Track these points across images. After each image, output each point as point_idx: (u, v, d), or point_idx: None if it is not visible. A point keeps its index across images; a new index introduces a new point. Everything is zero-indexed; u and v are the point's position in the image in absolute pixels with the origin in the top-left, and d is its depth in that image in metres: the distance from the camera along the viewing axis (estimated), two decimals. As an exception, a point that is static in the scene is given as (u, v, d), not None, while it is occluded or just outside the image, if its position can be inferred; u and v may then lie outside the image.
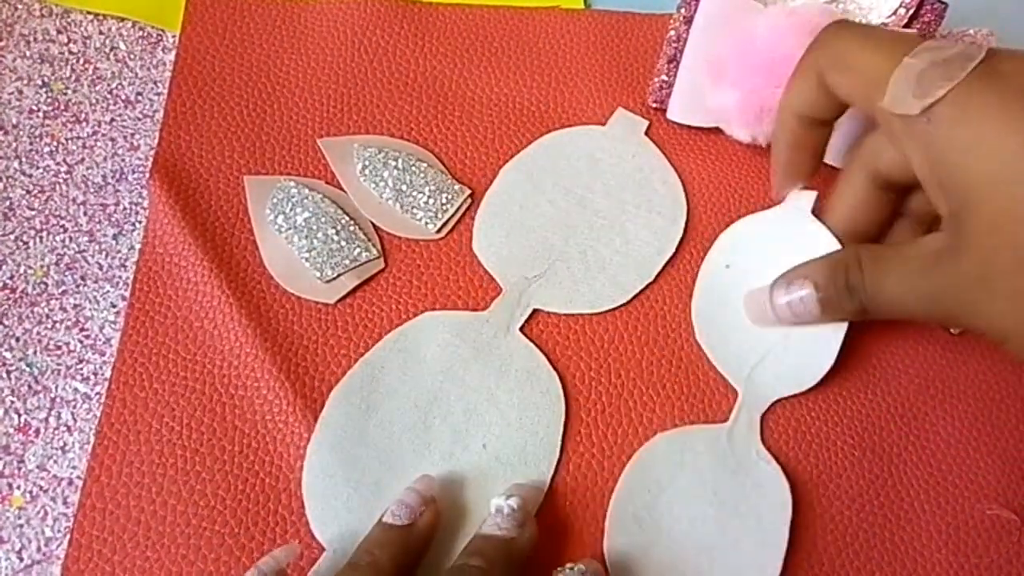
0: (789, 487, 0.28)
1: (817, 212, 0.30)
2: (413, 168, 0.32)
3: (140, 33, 0.36)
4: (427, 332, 0.30)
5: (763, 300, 0.29)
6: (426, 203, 0.32)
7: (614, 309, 0.31)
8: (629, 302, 0.31)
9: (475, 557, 0.23)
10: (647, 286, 0.32)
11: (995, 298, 0.20)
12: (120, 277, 0.30)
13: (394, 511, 0.24)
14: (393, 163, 0.32)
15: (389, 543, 0.23)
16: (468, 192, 0.33)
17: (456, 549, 0.25)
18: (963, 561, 0.29)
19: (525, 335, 0.30)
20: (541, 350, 0.30)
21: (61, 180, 0.32)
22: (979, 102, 0.20)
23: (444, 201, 0.32)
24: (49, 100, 0.33)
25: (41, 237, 0.30)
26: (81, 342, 0.29)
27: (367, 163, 0.32)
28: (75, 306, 0.29)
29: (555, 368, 0.30)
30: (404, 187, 0.32)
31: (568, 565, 0.24)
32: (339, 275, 0.30)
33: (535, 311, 0.31)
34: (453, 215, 0.32)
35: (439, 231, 0.32)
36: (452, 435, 0.28)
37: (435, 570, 0.25)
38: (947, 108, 0.21)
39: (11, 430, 0.27)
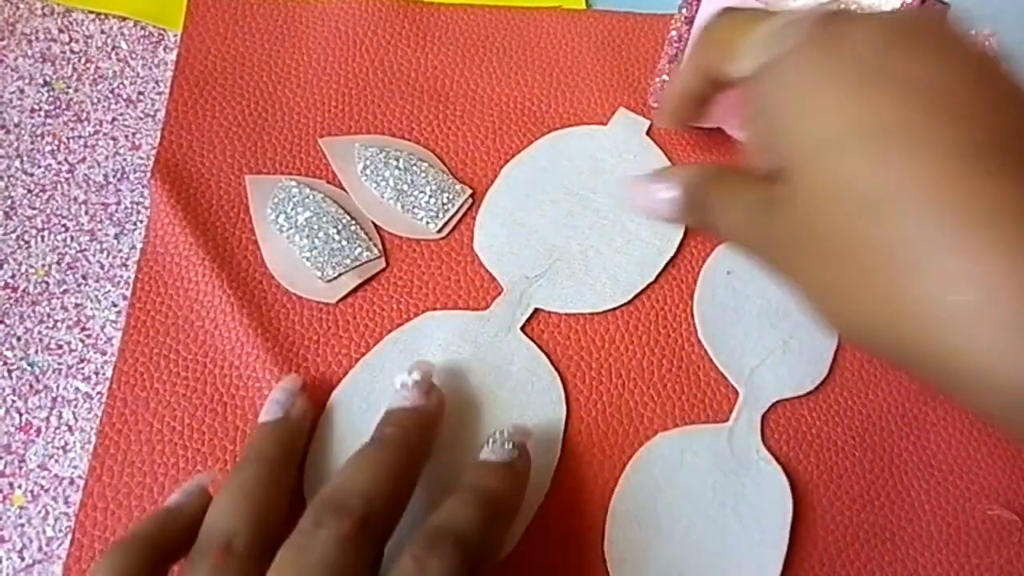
0: (789, 487, 0.28)
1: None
2: (414, 168, 0.32)
3: (142, 32, 0.36)
4: (428, 332, 0.30)
5: (639, 189, 0.28)
6: (427, 203, 0.32)
7: (615, 309, 0.31)
8: (630, 302, 0.31)
9: (390, 426, 0.25)
10: (648, 286, 0.32)
11: (808, 259, 0.20)
12: (121, 276, 0.30)
13: (267, 410, 0.26)
14: (394, 163, 0.32)
15: (269, 437, 0.25)
16: (469, 192, 0.33)
17: None
18: (963, 561, 0.29)
19: (526, 335, 0.30)
20: (542, 350, 0.30)
21: (62, 179, 0.32)
22: (815, 65, 0.19)
23: (445, 201, 0.32)
24: (51, 99, 0.33)
25: (42, 236, 0.30)
26: (82, 341, 0.29)
27: (368, 163, 0.32)
28: (76, 305, 0.29)
29: (555, 368, 0.30)
30: (405, 187, 0.32)
31: (494, 435, 0.25)
32: (340, 275, 0.30)
33: (536, 310, 0.31)
34: (454, 215, 0.32)
35: (440, 231, 0.32)
36: (453, 436, 0.28)
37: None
38: (782, 68, 0.20)
39: (12, 429, 0.27)
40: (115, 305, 0.29)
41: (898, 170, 0.16)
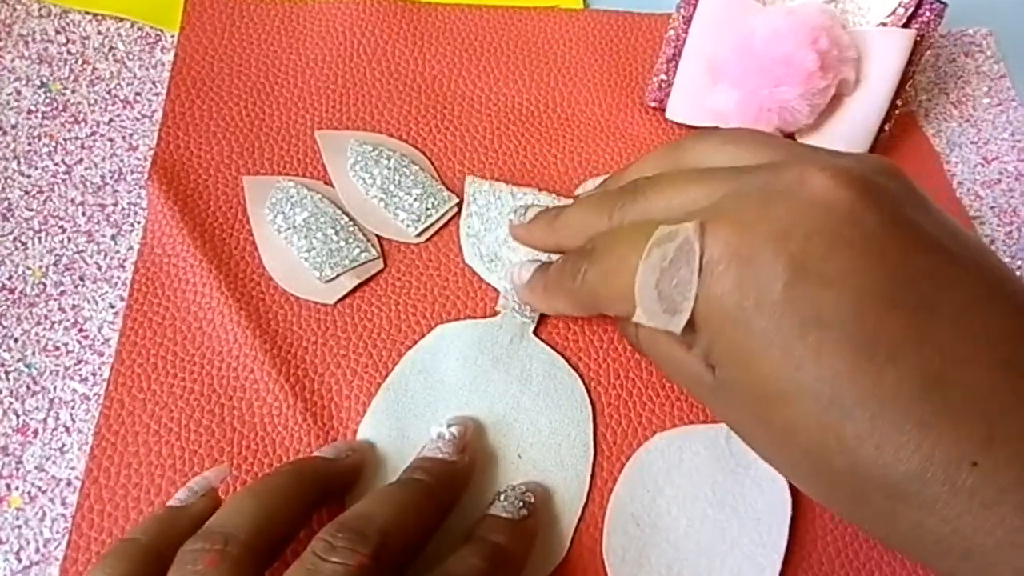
0: (789, 487, 0.28)
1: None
2: (404, 169, 0.32)
3: (139, 33, 0.35)
4: (444, 348, 0.29)
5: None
6: (411, 205, 0.32)
7: None
8: None
9: (419, 472, 0.25)
10: None
11: (752, 441, 0.23)
12: (119, 277, 0.30)
13: (324, 448, 0.26)
14: (385, 161, 0.32)
15: (314, 462, 0.25)
16: (456, 201, 0.32)
17: None
18: (963, 561, 0.28)
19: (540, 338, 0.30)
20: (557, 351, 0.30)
21: (59, 181, 0.32)
22: (721, 314, 0.20)
23: (429, 206, 0.32)
24: (47, 100, 0.33)
25: (39, 238, 0.30)
26: (79, 343, 0.29)
27: (359, 158, 0.32)
28: (73, 307, 0.29)
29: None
30: (392, 187, 0.32)
31: (506, 491, 0.26)
32: (338, 275, 0.30)
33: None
34: (436, 221, 0.32)
35: (420, 235, 0.32)
36: (487, 449, 0.28)
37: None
38: (700, 324, 0.21)
39: (9, 431, 0.27)
40: (112, 306, 0.29)
41: (839, 434, 0.19)
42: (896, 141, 0.37)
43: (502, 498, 0.26)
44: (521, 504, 0.25)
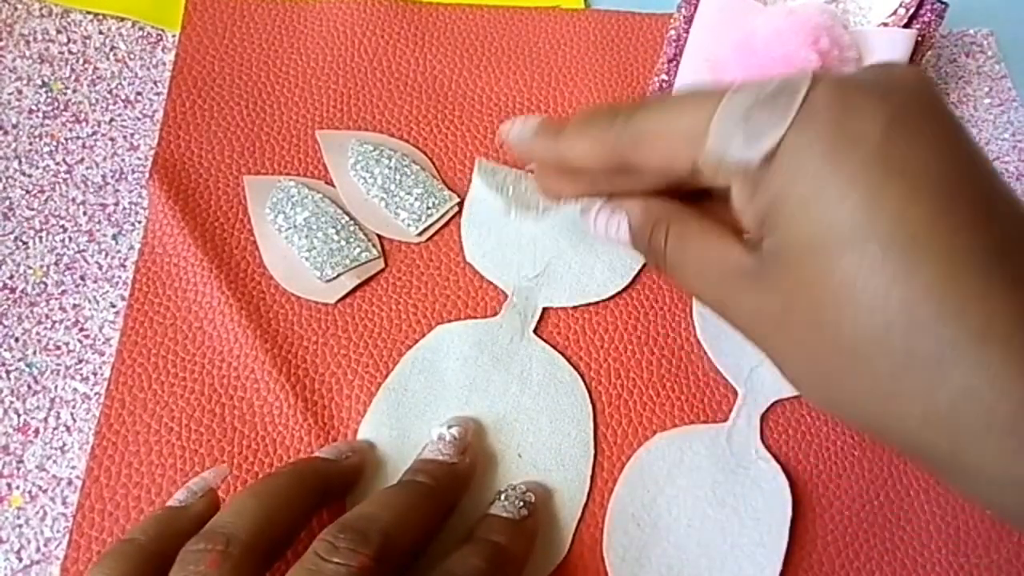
0: (789, 487, 0.28)
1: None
2: (405, 169, 0.32)
3: (140, 33, 0.36)
4: (444, 348, 0.29)
5: (588, 220, 0.26)
6: (412, 205, 0.32)
7: (619, 294, 0.31)
8: (631, 284, 0.31)
9: (420, 474, 0.25)
10: (644, 265, 0.32)
11: (796, 344, 0.20)
12: (120, 277, 0.30)
13: (325, 449, 0.26)
14: (386, 161, 0.32)
15: (314, 463, 0.25)
16: (456, 200, 0.32)
17: None
18: (963, 561, 0.28)
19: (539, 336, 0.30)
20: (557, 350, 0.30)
21: (61, 180, 0.32)
22: (810, 150, 0.19)
23: (430, 206, 0.32)
24: (49, 100, 0.33)
25: (40, 237, 0.30)
26: (80, 342, 0.29)
27: (360, 158, 0.32)
28: (74, 306, 0.29)
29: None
30: (393, 186, 0.32)
31: (506, 490, 0.26)
32: (339, 275, 0.30)
33: (544, 309, 0.30)
34: (437, 221, 0.32)
35: (420, 234, 0.32)
36: (487, 448, 0.28)
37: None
38: (783, 157, 0.19)
39: (10, 430, 0.27)
40: (113, 306, 0.29)
41: (906, 280, 0.17)
42: (897, 141, 0.37)
43: (502, 498, 0.26)
44: (521, 504, 0.25)
